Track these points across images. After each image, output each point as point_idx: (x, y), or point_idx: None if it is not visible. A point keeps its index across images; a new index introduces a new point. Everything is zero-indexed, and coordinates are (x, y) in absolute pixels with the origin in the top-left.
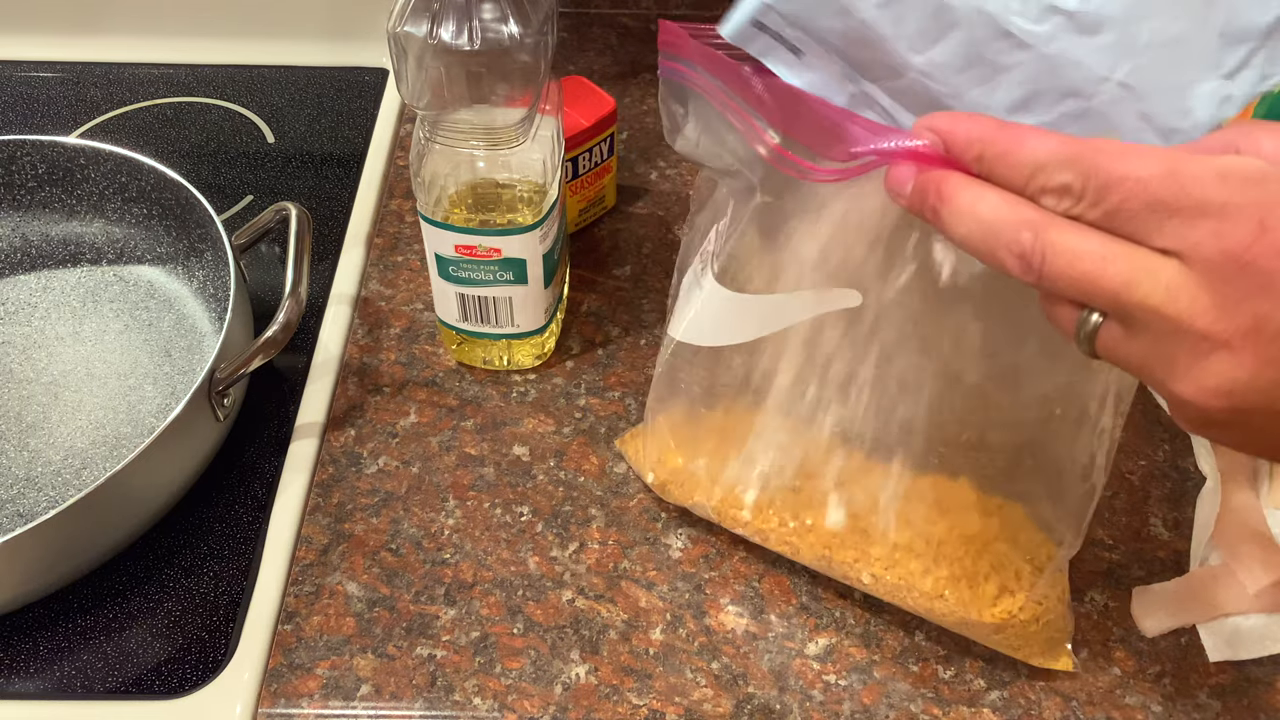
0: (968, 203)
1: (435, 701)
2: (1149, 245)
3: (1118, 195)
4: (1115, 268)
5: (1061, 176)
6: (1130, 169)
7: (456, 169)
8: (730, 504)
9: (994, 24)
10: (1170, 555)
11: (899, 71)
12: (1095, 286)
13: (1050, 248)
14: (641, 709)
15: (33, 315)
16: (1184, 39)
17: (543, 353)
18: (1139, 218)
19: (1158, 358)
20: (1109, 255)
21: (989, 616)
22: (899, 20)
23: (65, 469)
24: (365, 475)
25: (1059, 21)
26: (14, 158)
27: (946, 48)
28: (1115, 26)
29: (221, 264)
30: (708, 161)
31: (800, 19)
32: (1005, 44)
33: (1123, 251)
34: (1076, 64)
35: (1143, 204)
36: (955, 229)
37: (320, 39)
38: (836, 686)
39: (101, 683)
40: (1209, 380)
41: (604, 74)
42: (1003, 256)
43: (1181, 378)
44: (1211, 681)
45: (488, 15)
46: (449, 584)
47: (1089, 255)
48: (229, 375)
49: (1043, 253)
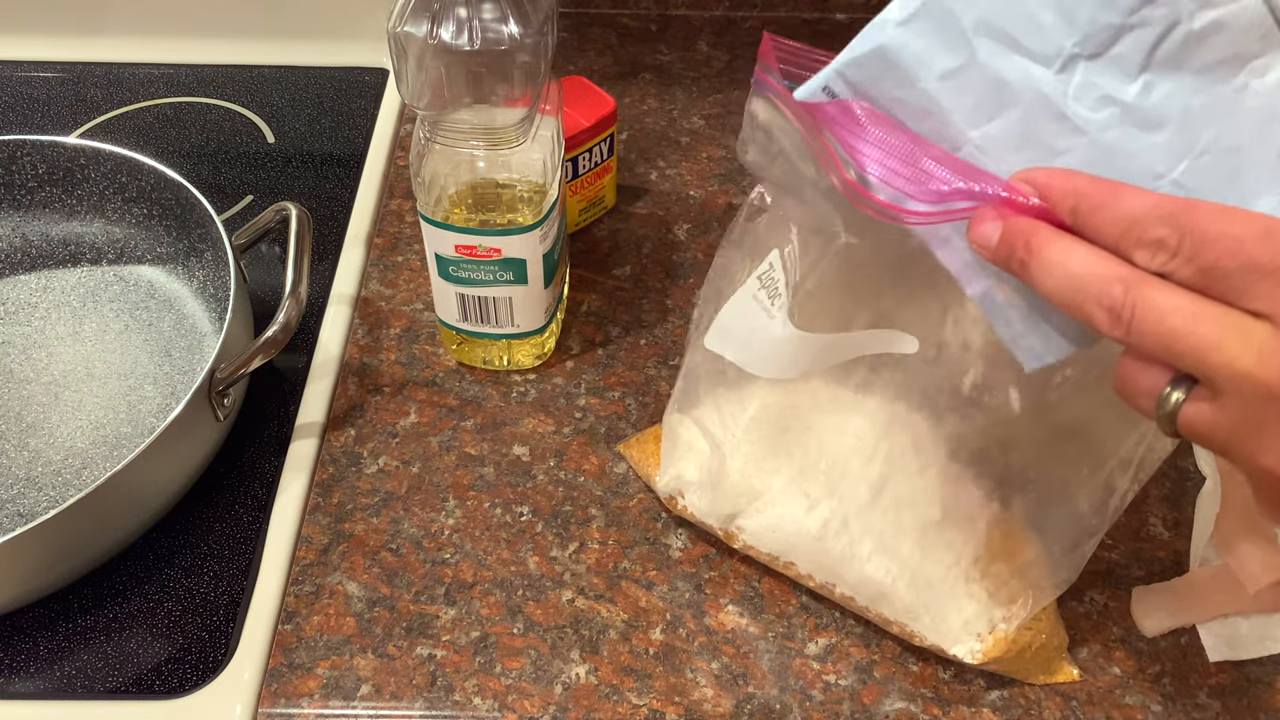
0: (1058, 255)
1: (435, 701)
2: (1241, 307)
3: (1213, 252)
4: (1206, 326)
5: (1158, 231)
6: (1227, 227)
7: (456, 169)
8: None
9: (1051, 106)
10: (1170, 555)
11: (956, 144)
12: (1184, 344)
13: (1142, 302)
14: (641, 709)
15: (33, 315)
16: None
17: (543, 353)
18: (1234, 277)
19: (1245, 428)
20: (1200, 314)
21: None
22: (959, 93)
23: (65, 469)
24: (365, 475)
25: (1115, 112)
26: (14, 158)
27: (1003, 125)
28: (1172, 126)
29: (221, 264)
30: (779, 183)
31: (865, 87)
32: (1060, 127)
33: (1214, 311)
34: (1131, 156)
35: (1239, 263)
36: (1044, 282)
37: (320, 39)
38: (836, 686)
39: (101, 683)
40: None
41: (604, 74)
42: (1091, 310)
43: (1269, 449)
44: (1211, 681)
45: (488, 15)
46: (449, 584)
47: (1179, 311)
48: (229, 375)
49: (1133, 307)
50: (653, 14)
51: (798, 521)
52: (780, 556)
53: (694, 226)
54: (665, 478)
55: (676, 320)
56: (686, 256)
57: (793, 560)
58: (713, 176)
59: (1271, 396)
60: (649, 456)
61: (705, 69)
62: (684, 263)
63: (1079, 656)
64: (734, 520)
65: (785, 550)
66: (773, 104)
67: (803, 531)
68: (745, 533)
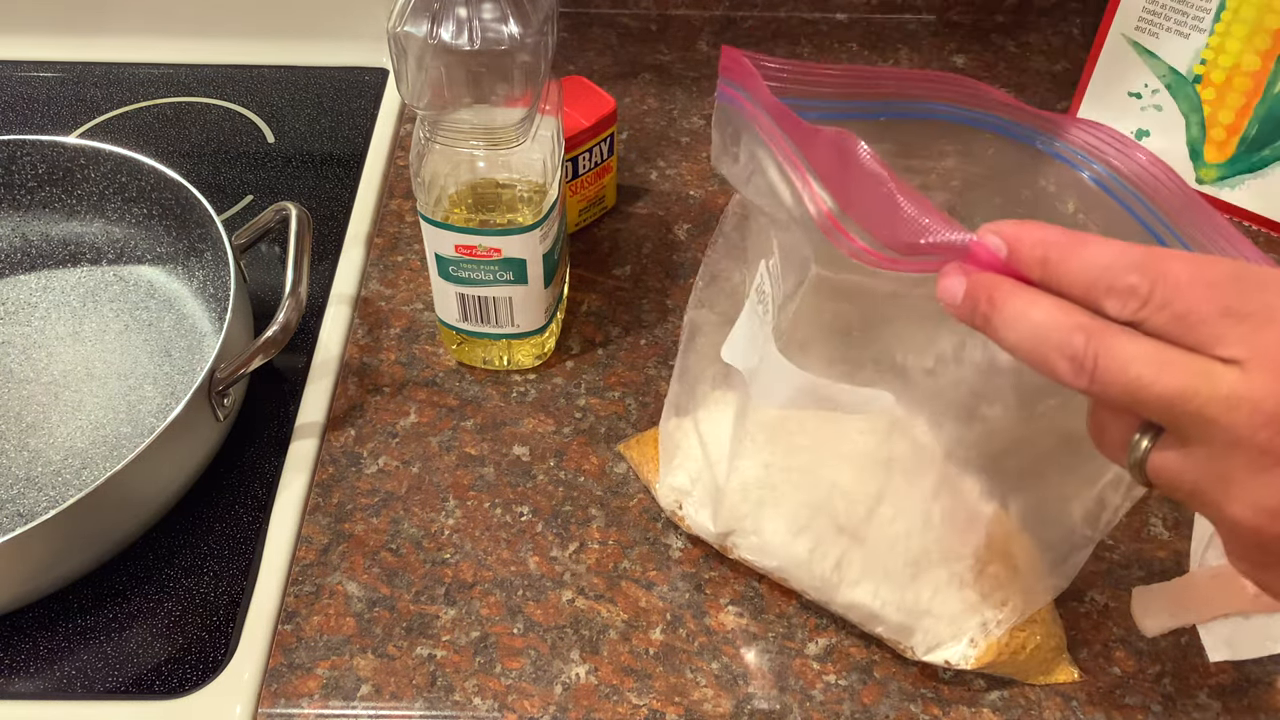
0: (1021, 307)
1: (435, 701)
2: (1211, 354)
3: (1186, 299)
4: (1171, 373)
5: (1129, 279)
6: (1200, 273)
7: (456, 169)
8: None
9: None
10: (1170, 555)
11: None
12: (1149, 393)
13: (1104, 351)
14: (641, 709)
15: (33, 315)
16: None
17: (543, 353)
18: (1207, 323)
19: (1212, 477)
20: (1166, 361)
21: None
22: None
23: (65, 469)
24: (365, 475)
25: None
26: (14, 158)
27: None
28: None
29: (221, 264)
30: (755, 199)
31: None
32: None
33: (1179, 358)
34: None
35: (1212, 308)
36: (1008, 335)
37: (320, 39)
38: (836, 686)
39: (101, 683)
40: (1267, 499)
41: (604, 74)
42: (1054, 360)
43: (1236, 498)
44: (1211, 681)
45: (488, 15)
46: (449, 584)
47: (1143, 359)
48: (229, 375)
49: (1095, 355)
50: (653, 14)
51: (786, 546)
52: (774, 573)
53: (694, 226)
54: (664, 487)
55: (676, 320)
56: (686, 256)
57: (786, 578)
58: (713, 176)
59: (1238, 444)
60: (649, 457)
61: (705, 69)
62: (684, 263)
63: (1079, 656)
64: (729, 537)
65: (777, 569)
66: (742, 118)
67: (792, 556)
68: (740, 549)
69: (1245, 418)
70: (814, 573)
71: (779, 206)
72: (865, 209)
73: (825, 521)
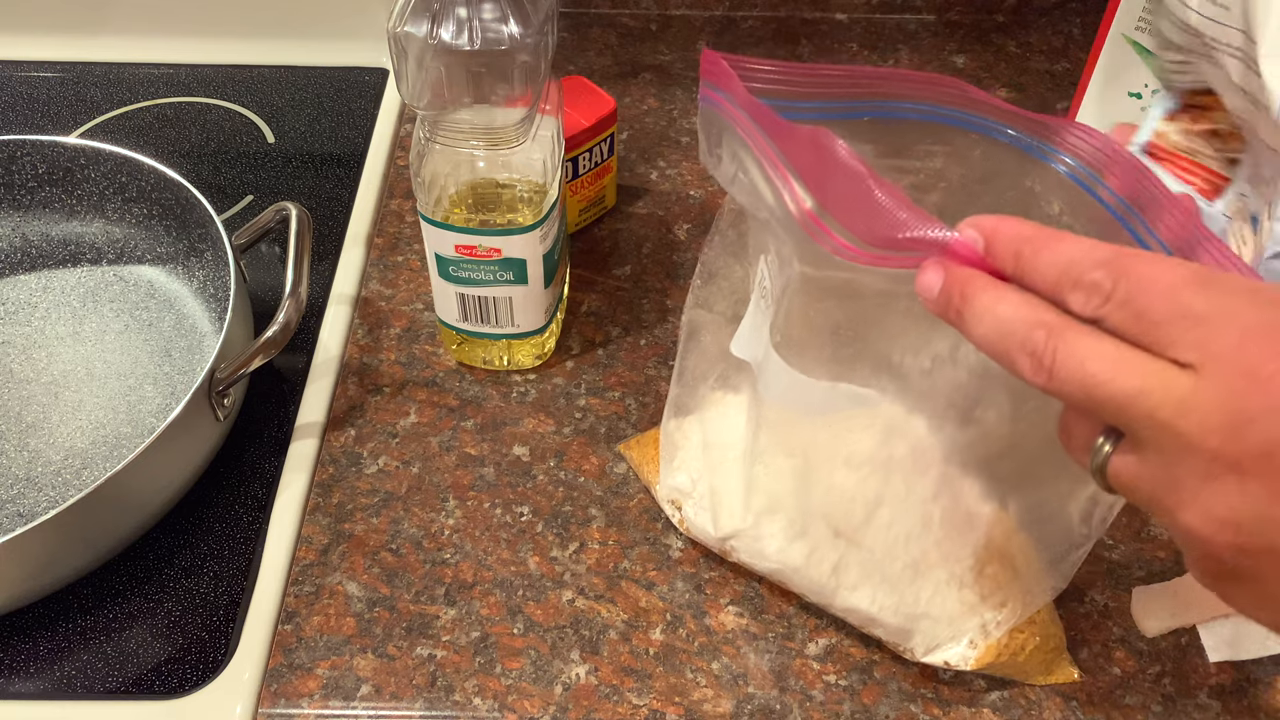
0: (989, 302)
1: (435, 701)
2: (1168, 357)
3: (1146, 298)
4: (1126, 374)
5: (1093, 275)
6: (1161, 273)
7: (456, 169)
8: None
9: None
10: (1170, 555)
11: None
12: (1104, 392)
13: (1063, 347)
14: (641, 709)
15: (33, 315)
16: None
17: (543, 353)
18: (1165, 324)
19: (1166, 483)
20: (1122, 360)
21: (972, 665)
22: None
23: (65, 469)
24: (365, 475)
25: None
26: (14, 158)
27: None
28: None
29: (221, 264)
30: (741, 198)
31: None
32: None
33: (1137, 359)
34: None
35: (1170, 309)
36: (975, 329)
37: (320, 39)
38: (836, 686)
39: (101, 683)
40: (1216, 507)
41: (604, 74)
42: (1015, 356)
43: (1188, 505)
44: (1211, 681)
45: (488, 15)
46: (449, 584)
47: (1101, 358)
48: (229, 375)
49: (1054, 352)
50: (653, 14)
51: (783, 551)
52: (773, 575)
53: (694, 226)
54: (664, 488)
55: (676, 320)
56: (686, 256)
57: (784, 581)
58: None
59: (1189, 450)
60: (649, 458)
61: None
62: (684, 263)
63: (1079, 656)
64: (727, 541)
65: (775, 573)
66: (724, 120)
67: (789, 561)
68: (738, 553)
69: (1196, 423)
70: (811, 578)
71: (762, 205)
72: (844, 206)
73: (822, 527)
